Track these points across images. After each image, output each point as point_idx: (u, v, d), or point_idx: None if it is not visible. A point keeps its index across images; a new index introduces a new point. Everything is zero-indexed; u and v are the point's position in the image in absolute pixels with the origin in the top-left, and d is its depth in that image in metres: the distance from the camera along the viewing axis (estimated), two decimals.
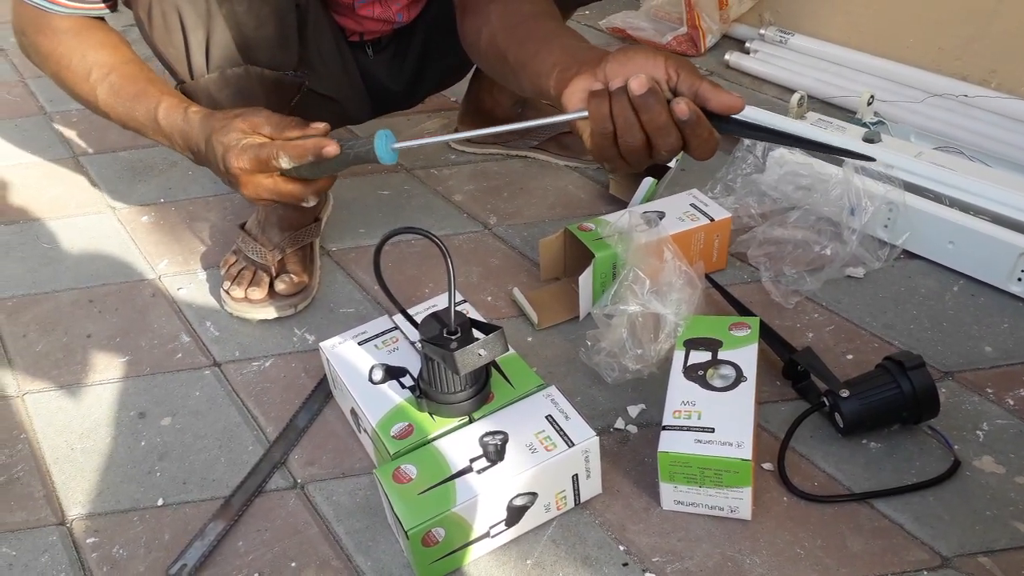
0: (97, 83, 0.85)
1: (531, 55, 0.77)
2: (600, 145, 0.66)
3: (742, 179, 1.15)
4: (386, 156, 0.73)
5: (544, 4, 0.86)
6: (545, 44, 0.77)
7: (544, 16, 0.83)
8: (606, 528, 0.77)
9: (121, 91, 0.85)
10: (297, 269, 1.06)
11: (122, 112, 0.86)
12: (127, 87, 0.85)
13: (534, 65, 0.76)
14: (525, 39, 0.80)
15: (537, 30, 0.80)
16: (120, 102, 0.85)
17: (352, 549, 0.77)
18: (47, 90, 1.68)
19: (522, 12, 0.84)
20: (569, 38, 0.77)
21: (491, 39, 0.85)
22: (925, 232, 1.04)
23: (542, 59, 0.75)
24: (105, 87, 0.85)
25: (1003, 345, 0.93)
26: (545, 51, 0.75)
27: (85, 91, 0.87)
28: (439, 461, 0.74)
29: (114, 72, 0.85)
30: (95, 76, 0.85)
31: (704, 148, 0.64)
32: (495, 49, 0.84)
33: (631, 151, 0.65)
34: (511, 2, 0.85)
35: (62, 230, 1.25)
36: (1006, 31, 1.30)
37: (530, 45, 0.78)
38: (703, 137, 0.63)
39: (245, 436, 0.89)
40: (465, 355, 0.73)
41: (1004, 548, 0.72)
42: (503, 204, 1.24)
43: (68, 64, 0.86)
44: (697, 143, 0.63)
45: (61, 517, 0.82)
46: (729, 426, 0.75)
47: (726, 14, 1.67)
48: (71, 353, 1.01)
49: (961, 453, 0.80)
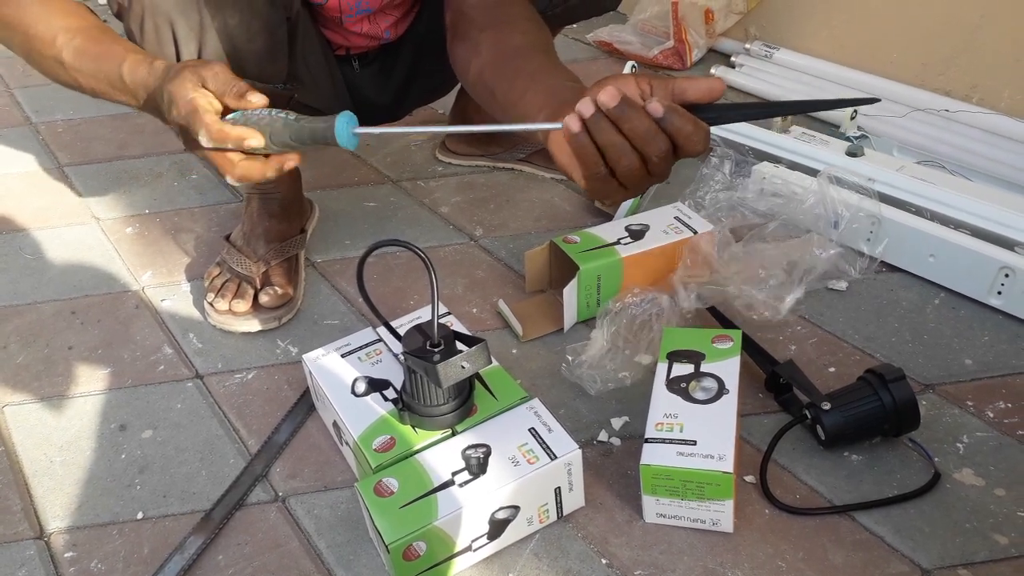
0: (63, 46, 0.83)
1: (518, 95, 0.76)
2: (594, 185, 0.65)
3: (711, 196, 1.15)
4: (346, 139, 0.69)
5: (534, 35, 0.85)
6: (532, 85, 0.76)
7: (534, 51, 0.82)
8: (588, 541, 0.77)
9: (86, 52, 0.82)
10: (282, 281, 1.06)
11: (87, 72, 0.83)
12: (92, 48, 0.82)
13: (520, 108, 0.75)
14: (513, 76, 0.79)
15: (526, 67, 0.79)
16: (85, 63, 0.82)
17: (333, 563, 0.76)
18: (32, 100, 1.67)
19: (512, 45, 0.83)
20: (556, 77, 0.76)
21: (479, 73, 0.84)
22: (906, 245, 1.05)
23: (528, 102, 0.74)
24: (70, 49, 0.82)
25: (983, 358, 0.94)
26: (531, 93, 0.75)
27: (51, 55, 0.84)
28: (421, 474, 0.74)
29: (79, 35, 0.83)
30: (61, 40, 0.83)
31: (693, 141, 0.61)
32: (484, 84, 0.84)
33: (626, 172, 0.63)
34: (501, 32, 0.85)
35: (45, 241, 1.24)
36: (988, 47, 1.31)
37: (518, 83, 0.77)
38: (688, 131, 0.61)
39: (227, 449, 0.89)
40: (448, 368, 0.73)
41: (984, 560, 0.73)
42: (489, 216, 1.24)
43: (35, 32, 0.84)
44: (684, 138, 0.61)
45: (39, 531, 0.81)
46: (711, 439, 0.75)
47: (712, 28, 1.68)
48: (52, 365, 1.01)
49: (941, 466, 0.81)
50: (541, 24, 0.88)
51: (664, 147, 0.61)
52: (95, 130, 1.55)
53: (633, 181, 0.64)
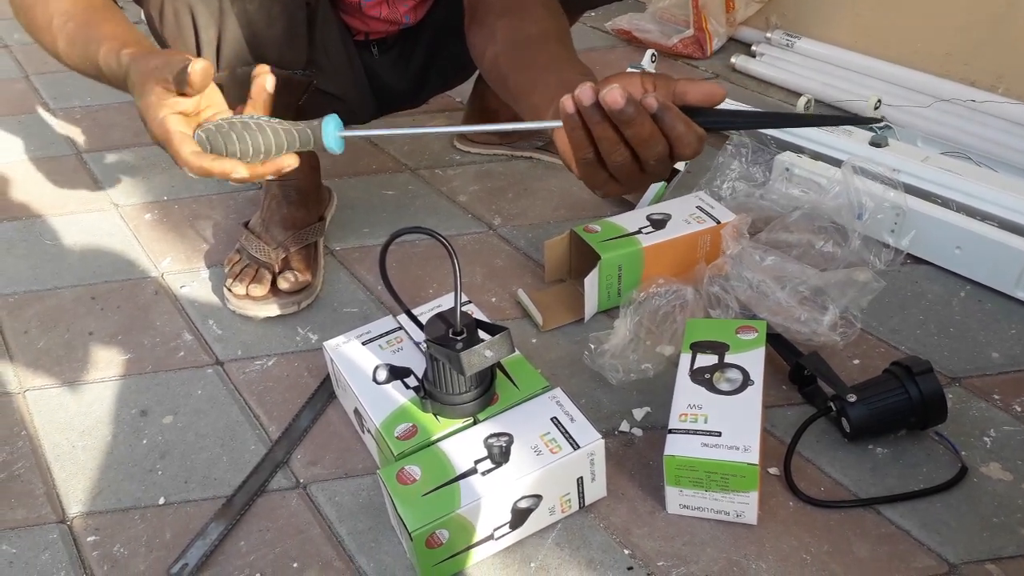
0: (57, 32, 0.81)
1: (530, 86, 0.76)
2: (585, 171, 0.64)
3: (727, 184, 1.14)
4: (333, 143, 0.68)
5: (550, 22, 0.84)
6: (543, 76, 0.75)
7: (548, 40, 0.81)
8: (611, 531, 0.76)
9: (76, 38, 0.80)
10: (300, 267, 1.05)
11: (76, 58, 0.81)
12: (80, 34, 0.80)
13: (532, 98, 0.75)
14: (527, 66, 0.78)
15: (539, 57, 0.79)
16: (75, 50, 0.81)
17: (355, 550, 0.76)
18: (50, 86, 1.68)
19: (527, 33, 0.82)
20: (568, 70, 0.75)
21: (494, 60, 0.84)
22: (932, 237, 1.04)
23: (540, 93, 0.73)
24: (63, 36, 0.81)
25: (1010, 351, 0.93)
26: (543, 84, 0.74)
27: (48, 42, 0.83)
28: (443, 462, 0.73)
29: (71, 20, 0.81)
30: (55, 25, 0.81)
31: (684, 143, 0.60)
32: (498, 71, 0.83)
33: (617, 167, 0.62)
34: (518, 19, 0.84)
35: (65, 227, 1.24)
36: (1014, 37, 1.29)
37: (531, 73, 0.77)
38: (679, 131, 0.59)
39: (247, 435, 0.89)
40: (471, 356, 0.72)
41: (1012, 555, 0.72)
42: (508, 205, 1.24)
43: (34, 16, 0.83)
44: (675, 138, 0.60)
45: (61, 515, 0.81)
46: (736, 430, 0.74)
47: (732, 17, 1.67)
48: (72, 350, 1.01)
49: (968, 459, 0.80)
50: (559, 12, 0.88)
51: (661, 150, 0.60)
52: (113, 117, 1.55)
53: (625, 176, 0.63)
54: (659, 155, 0.61)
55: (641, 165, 0.62)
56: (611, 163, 0.62)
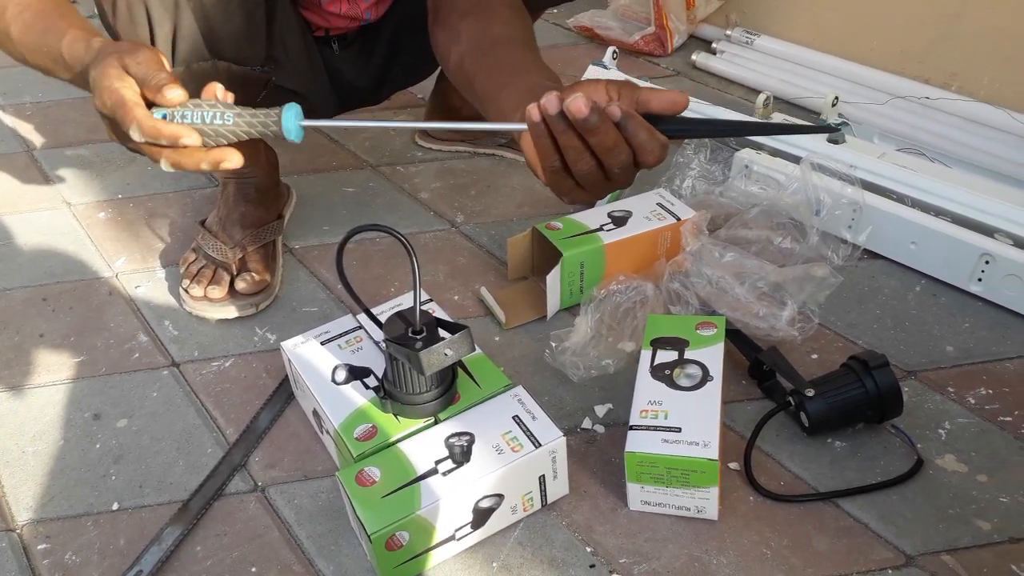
0: (11, 20, 0.79)
1: (496, 89, 0.76)
2: (553, 179, 0.65)
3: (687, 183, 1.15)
4: (293, 131, 0.67)
5: (515, 23, 0.84)
6: (510, 80, 0.75)
7: (515, 43, 0.81)
8: (573, 529, 0.76)
9: (33, 27, 0.79)
10: (258, 267, 1.04)
11: (31, 47, 0.79)
12: (38, 23, 0.79)
13: (498, 102, 0.75)
14: (492, 68, 0.78)
15: (505, 60, 0.79)
16: (31, 38, 0.79)
17: (314, 553, 0.75)
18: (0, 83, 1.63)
19: (493, 35, 0.82)
20: (535, 74, 0.75)
21: (459, 61, 0.83)
22: (888, 232, 1.05)
23: (506, 97, 0.73)
24: (18, 24, 0.79)
25: (964, 344, 0.94)
26: (510, 88, 0.74)
27: (1, 29, 0.81)
28: (404, 463, 0.73)
29: (28, 9, 0.79)
30: (10, 13, 0.79)
31: (647, 151, 0.61)
32: (463, 72, 0.83)
33: (583, 175, 0.63)
34: (483, 20, 0.84)
35: (15, 226, 1.21)
36: (967, 35, 1.31)
37: (497, 77, 0.77)
38: (642, 139, 0.60)
39: (204, 438, 0.87)
40: (431, 355, 0.71)
41: (967, 546, 0.73)
42: (470, 202, 1.23)
43: None
44: (637, 146, 0.61)
45: (10, 523, 0.79)
46: (696, 426, 0.74)
47: (693, 14, 1.68)
48: (23, 353, 0.98)
49: (924, 452, 0.81)
50: (522, 12, 0.87)
51: (624, 158, 0.61)
52: (65, 113, 1.52)
53: (590, 184, 0.64)
54: (623, 163, 0.62)
55: (606, 173, 0.63)
56: (577, 171, 0.63)
